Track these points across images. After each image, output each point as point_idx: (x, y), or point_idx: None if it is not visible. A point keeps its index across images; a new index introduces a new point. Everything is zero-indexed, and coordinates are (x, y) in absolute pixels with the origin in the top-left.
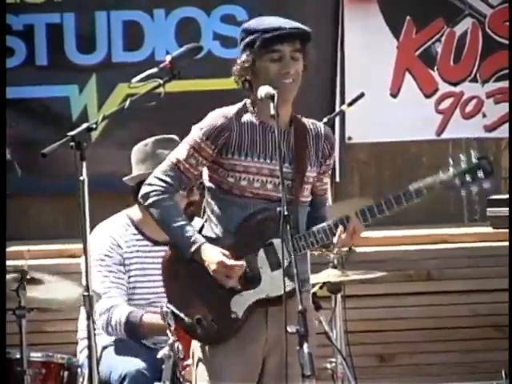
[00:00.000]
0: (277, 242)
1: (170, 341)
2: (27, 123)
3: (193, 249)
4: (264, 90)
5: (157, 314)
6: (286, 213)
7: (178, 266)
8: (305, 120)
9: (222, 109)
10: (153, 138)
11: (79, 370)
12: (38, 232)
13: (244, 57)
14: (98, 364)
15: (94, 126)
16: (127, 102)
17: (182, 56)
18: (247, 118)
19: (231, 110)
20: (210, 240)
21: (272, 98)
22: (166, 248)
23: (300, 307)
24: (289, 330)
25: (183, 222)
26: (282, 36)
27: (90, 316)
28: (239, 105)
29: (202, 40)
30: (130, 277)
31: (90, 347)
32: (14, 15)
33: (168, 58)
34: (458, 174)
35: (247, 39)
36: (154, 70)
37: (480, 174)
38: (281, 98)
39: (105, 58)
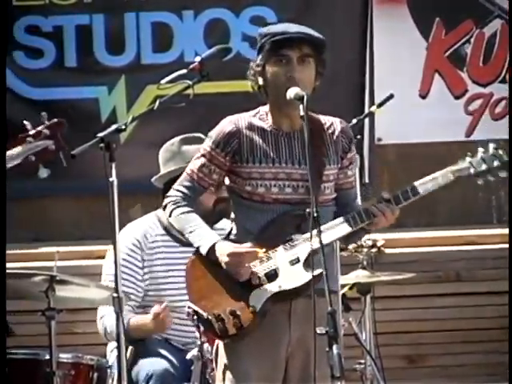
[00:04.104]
0: (296, 237)
1: (200, 342)
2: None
3: (207, 249)
4: (293, 91)
5: (143, 315)
6: (315, 214)
7: (200, 268)
8: (320, 117)
9: (232, 116)
10: (179, 137)
11: (108, 370)
12: (63, 234)
13: (256, 61)
14: (127, 365)
15: (124, 127)
16: (156, 104)
17: (211, 57)
18: (258, 124)
19: (241, 116)
20: (231, 241)
21: (301, 99)
22: (193, 249)
23: (329, 308)
24: (318, 331)
25: (197, 226)
26: (288, 40)
27: (119, 317)
28: (251, 112)
29: (230, 41)
30: (151, 278)
31: (119, 348)
32: (43, 16)
33: (197, 59)
34: (474, 163)
35: (259, 43)
36: (183, 71)
37: (496, 163)
38: (284, 102)
39: (134, 59)
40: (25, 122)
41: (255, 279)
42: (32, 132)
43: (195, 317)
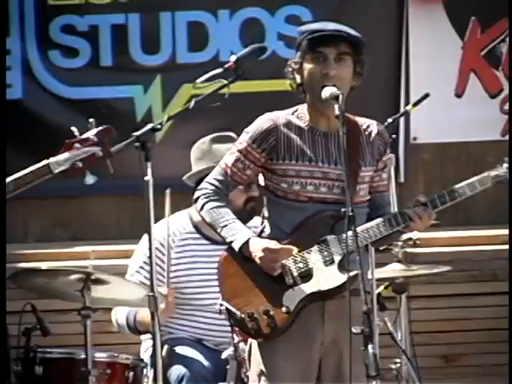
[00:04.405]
0: (330, 238)
1: (235, 341)
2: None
3: (240, 244)
4: (329, 91)
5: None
6: (351, 213)
7: (233, 264)
8: (357, 118)
9: (270, 113)
10: (210, 136)
11: (144, 370)
12: (102, 233)
13: (294, 58)
14: (162, 364)
15: (159, 126)
16: (192, 103)
17: (246, 56)
18: (295, 122)
19: (279, 114)
20: (264, 238)
21: (336, 98)
22: (223, 247)
23: (365, 307)
24: (353, 330)
25: (230, 221)
26: (325, 38)
27: (154, 316)
28: (289, 110)
29: (266, 41)
30: (179, 276)
31: (154, 347)
32: (79, 16)
33: (233, 58)
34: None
35: (298, 41)
36: (219, 70)
37: None
38: (319, 101)
39: (169, 58)
40: (72, 128)
41: (289, 279)
42: (79, 138)
43: (228, 315)
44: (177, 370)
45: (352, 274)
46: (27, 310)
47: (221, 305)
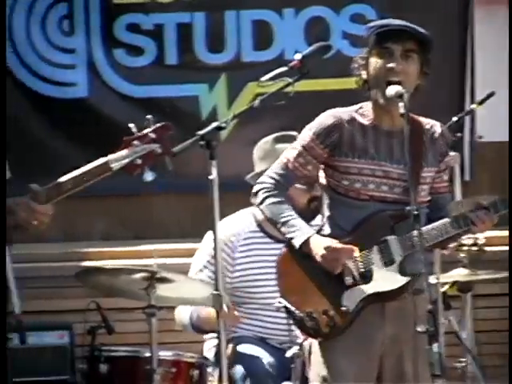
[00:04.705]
0: (391, 239)
1: (300, 340)
2: (156, 123)
3: (301, 240)
4: (394, 89)
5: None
6: (416, 212)
7: (291, 262)
8: (421, 119)
9: (334, 109)
10: (273, 135)
11: (209, 368)
12: (165, 231)
13: (362, 54)
14: (228, 363)
15: (224, 124)
16: (257, 101)
17: (311, 55)
18: (359, 120)
19: (343, 111)
20: (324, 236)
21: (401, 96)
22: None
23: (429, 306)
24: (418, 329)
25: (291, 217)
26: (392, 33)
27: (219, 315)
28: (353, 107)
29: (331, 39)
30: (243, 275)
31: (219, 346)
32: (144, 14)
33: (297, 56)
34: None
35: (365, 36)
36: (284, 68)
37: None
38: (384, 98)
39: (234, 57)
40: (130, 124)
41: (349, 279)
42: (138, 135)
43: (286, 313)
44: (241, 368)
45: (413, 276)
46: (92, 308)
47: (279, 302)
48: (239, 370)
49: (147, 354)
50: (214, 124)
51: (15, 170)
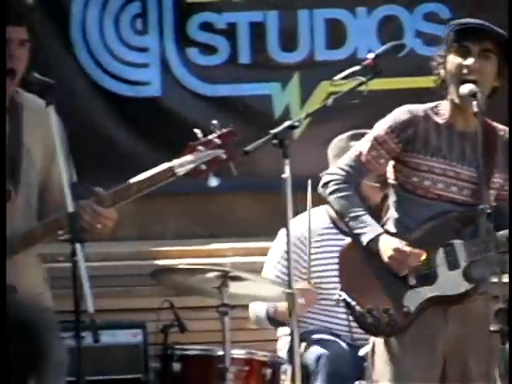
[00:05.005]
0: (457, 243)
1: (374, 338)
2: (229, 121)
3: (370, 238)
4: (467, 88)
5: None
6: (489, 211)
7: (355, 256)
8: (495, 124)
9: (409, 105)
10: (347, 133)
11: (282, 367)
12: (239, 230)
13: (439, 51)
14: (301, 361)
15: (297, 123)
16: (330, 100)
17: (384, 54)
18: (434, 118)
19: (419, 107)
20: (390, 235)
21: (474, 95)
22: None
23: (502, 305)
24: (491, 328)
25: (361, 212)
26: (470, 32)
27: (292, 314)
28: (428, 105)
29: (404, 38)
30: (317, 271)
31: (292, 344)
32: (217, 13)
33: (370, 55)
34: None
35: (444, 35)
36: (357, 67)
37: None
38: (459, 96)
39: (307, 56)
40: (195, 130)
41: (412, 279)
42: (203, 140)
43: (347, 307)
44: (314, 351)
45: (479, 282)
46: (165, 307)
47: (339, 295)
48: (313, 352)
49: (220, 353)
50: (287, 123)
51: (84, 168)
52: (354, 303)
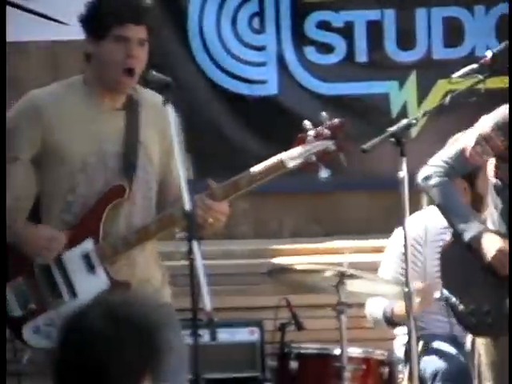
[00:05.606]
0: None
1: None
2: (346, 120)
3: (472, 235)
4: None
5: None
6: None
7: (456, 252)
8: None
9: None
10: (464, 132)
11: (399, 366)
12: (355, 228)
13: None
14: (418, 361)
15: (414, 122)
16: (447, 99)
17: (502, 52)
18: None
19: None
20: (493, 233)
21: None
22: None
23: None
24: None
25: (464, 207)
26: None
27: (409, 314)
28: None
29: None
30: (433, 271)
31: (409, 344)
32: (334, 12)
33: (488, 53)
34: None
35: None
36: (474, 65)
37: None
38: None
39: (425, 54)
40: (305, 121)
41: None
42: (312, 132)
43: (448, 305)
44: (433, 365)
45: None
46: (282, 305)
47: (441, 293)
48: (431, 365)
49: (337, 352)
50: (404, 121)
51: (200, 166)
52: (455, 302)
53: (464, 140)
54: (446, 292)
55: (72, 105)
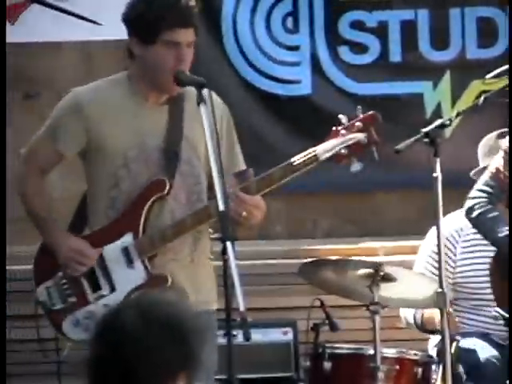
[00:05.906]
0: None
1: None
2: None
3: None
4: None
5: (434, 309)
6: None
7: (504, 267)
8: None
9: None
10: (496, 132)
11: (433, 366)
12: (390, 228)
13: None
14: (452, 360)
15: (448, 122)
16: (481, 99)
17: None
18: None
19: None
20: None
21: None
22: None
23: None
24: None
25: (506, 231)
26: None
27: (443, 313)
28: None
29: None
30: (462, 271)
31: (443, 344)
32: (368, 12)
33: None
34: None
35: None
36: (508, 66)
37: None
38: None
39: (459, 54)
40: (340, 116)
41: None
42: (345, 125)
43: (503, 320)
44: (464, 360)
45: None
46: (316, 305)
47: (495, 311)
48: (463, 360)
49: (371, 352)
50: (439, 121)
51: None
52: (506, 315)
53: (494, 162)
54: (500, 310)
55: (115, 100)
